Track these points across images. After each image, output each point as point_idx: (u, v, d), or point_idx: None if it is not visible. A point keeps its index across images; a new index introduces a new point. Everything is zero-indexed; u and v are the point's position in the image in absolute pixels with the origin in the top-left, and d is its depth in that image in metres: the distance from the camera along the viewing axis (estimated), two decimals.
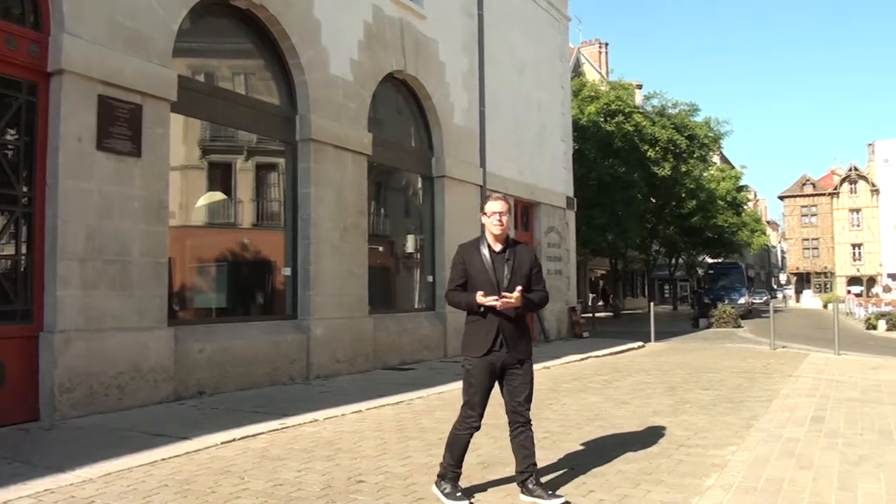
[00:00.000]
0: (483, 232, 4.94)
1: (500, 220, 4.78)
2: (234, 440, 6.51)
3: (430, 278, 14.49)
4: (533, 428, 4.91)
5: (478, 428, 4.83)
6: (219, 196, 10.78)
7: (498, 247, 4.84)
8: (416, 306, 14.39)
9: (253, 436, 6.71)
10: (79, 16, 7.74)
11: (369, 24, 12.51)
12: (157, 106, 8.53)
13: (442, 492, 4.77)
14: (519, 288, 4.66)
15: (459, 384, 9.93)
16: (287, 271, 10.97)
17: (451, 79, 14.97)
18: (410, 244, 14.50)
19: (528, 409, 4.88)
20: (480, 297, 4.65)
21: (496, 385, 4.91)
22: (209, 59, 10.56)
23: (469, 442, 4.85)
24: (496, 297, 4.62)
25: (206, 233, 10.55)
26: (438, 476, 4.89)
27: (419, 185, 14.78)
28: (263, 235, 11.38)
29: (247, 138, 10.99)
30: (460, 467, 4.86)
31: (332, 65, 11.56)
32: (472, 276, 4.81)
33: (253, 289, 11.15)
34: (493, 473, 5.49)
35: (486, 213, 4.86)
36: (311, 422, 7.43)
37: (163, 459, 5.79)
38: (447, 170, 14.59)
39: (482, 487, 5.16)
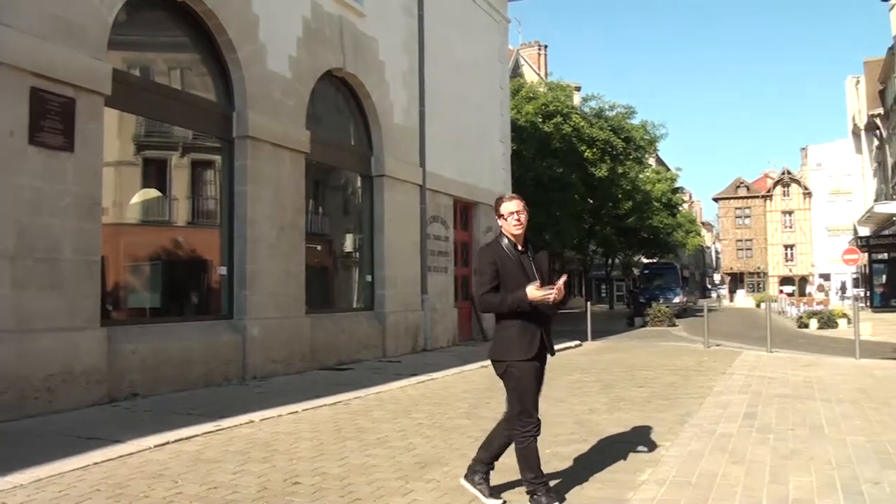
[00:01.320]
0: (500, 233, 4.81)
1: (518, 220, 4.68)
2: (167, 443, 6.46)
3: (368, 278, 14.57)
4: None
5: (540, 427, 4.77)
6: (153, 193, 10.68)
7: (520, 246, 4.75)
8: (354, 306, 14.47)
9: (187, 438, 6.67)
10: (10, 5, 7.60)
11: (308, 21, 12.52)
12: (90, 100, 8.42)
13: None
14: (564, 277, 4.57)
15: (398, 383, 10.26)
16: (223, 270, 10.91)
17: (390, 77, 15.06)
18: (349, 243, 14.57)
19: None
20: (534, 290, 4.46)
21: (498, 383, 4.92)
22: (145, 53, 10.45)
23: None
24: (550, 287, 4.47)
25: (141, 231, 10.45)
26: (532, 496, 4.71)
27: (358, 184, 14.85)
28: (199, 234, 11.32)
29: (183, 134, 10.91)
30: (543, 474, 4.76)
31: (270, 61, 11.54)
32: (506, 276, 4.63)
33: (188, 288, 11.07)
34: (431, 472, 5.58)
35: (502, 215, 4.73)
36: (246, 423, 7.41)
37: (95, 464, 5.72)
38: (387, 169, 14.68)
39: (423, 486, 5.27)
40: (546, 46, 55.90)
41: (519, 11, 64.25)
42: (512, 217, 4.68)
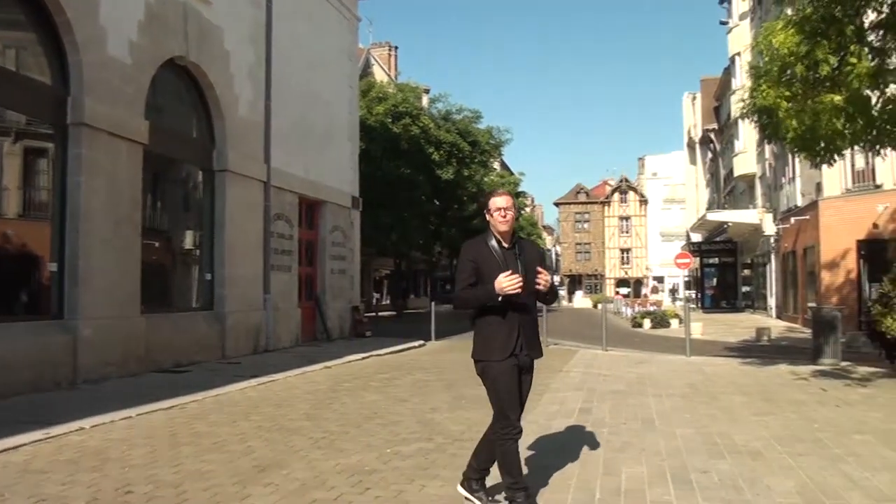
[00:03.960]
0: (488, 228, 4.74)
1: (506, 216, 4.60)
2: None
3: (208, 276, 14.33)
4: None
5: (521, 432, 4.60)
6: None
7: (506, 243, 4.66)
8: (193, 305, 14.19)
9: (14, 448, 6.42)
10: None
11: (151, 5, 12.22)
12: None
13: None
14: (546, 276, 4.54)
15: (237, 385, 10.25)
16: (54, 267, 10.47)
17: (236, 69, 14.88)
18: (189, 240, 14.27)
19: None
20: (503, 278, 4.34)
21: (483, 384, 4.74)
22: None
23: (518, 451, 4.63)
24: (518, 276, 4.37)
25: None
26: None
27: (200, 178, 14.57)
28: (29, 227, 10.79)
29: (15, 119, 10.41)
30: (523, 479, 4.65)
31: (109, 45, 11.19)
32: (485, 275, 4.54)
33: (15, 286, 10.51)
34: (270, 476, 5.58)
35: (489, 210, 4.65)
36: (77, 430, 7.22)
37: None
38: (229, 164, 14.50)
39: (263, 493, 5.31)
40: (396, 47, 56.60)
41: (370, 11, 64.55)
42: (498, 213, 4.62)
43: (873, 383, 11.14)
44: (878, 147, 12.52)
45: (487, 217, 4.70)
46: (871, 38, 11.77)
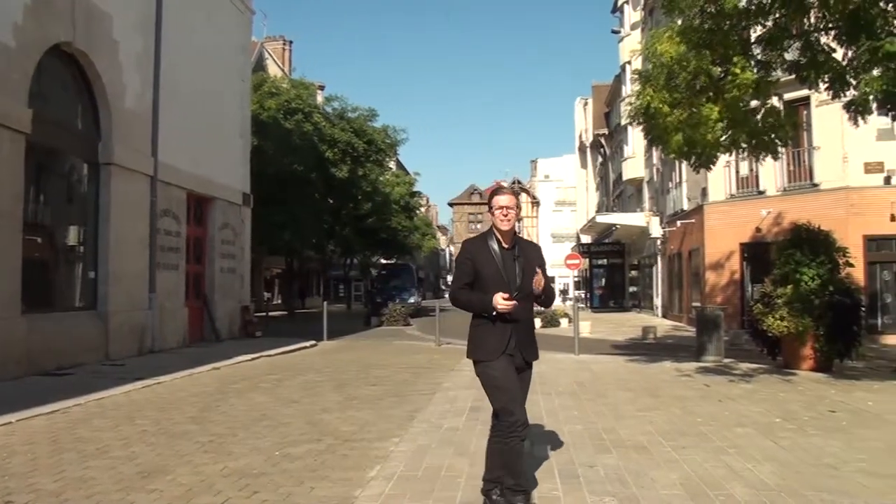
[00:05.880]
0: (490, 227, 4.71)
1: (507, 215, 4.57)
2: None
3: (92, 274, 13.92)
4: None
5: (526, 426, 4.52)
6: None
7: (506, 243, 4.63)
8: (76, 304, 13.76)
9: None
10: None
11: None
12: None
13: None
14: (539, 278, 4.54)
15: (122, 388, 10.11)
16: None
17: (124, 59, 14.53)
18: (73, 236, 13.82)
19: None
20: (501, 300, 4.38)
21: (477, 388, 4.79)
22: None
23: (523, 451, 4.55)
24: (513, 302, 4.40)
25: None
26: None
27: (85, 171, 14.13)
28: None
29: None
30: (526, 483, 4.62)
31: None
32: (483, 275, 4.54)
33: None
34: (154, 482, 5.51)
35: (491, 207, 4.63)
36: None
37: None
38: (115, 157, 14.15)
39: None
40: (291, 42, 55.78)
41: (264, 4, 63.52)
42: (500, 212, 4.59)
43: (755, 379, 11.82)
44: (760, 154, 13.33)
45: (489, 214, 4.69)
46: (757, 51, 12.54)
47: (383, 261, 55.25)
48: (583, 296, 48.41)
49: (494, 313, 4.45)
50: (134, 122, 14.93)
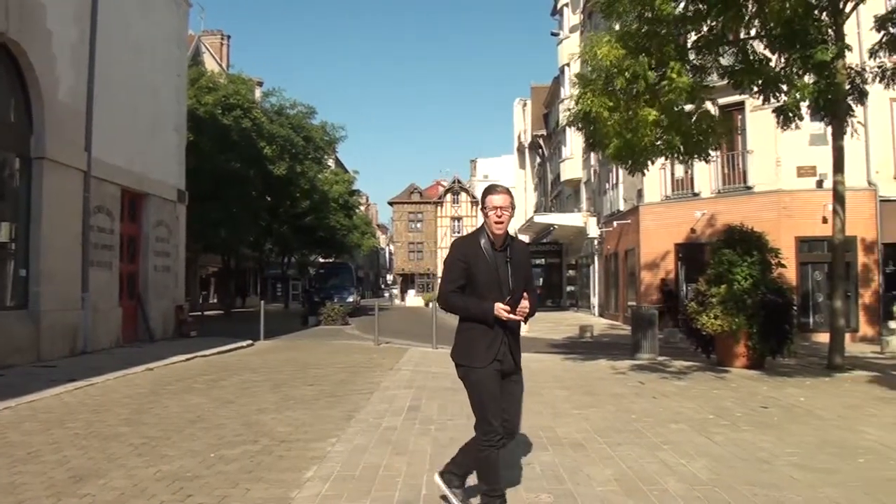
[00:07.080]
0: (482, 226, 4.59)
1: (501, 217, 4.42)
2: None
3: (23, 272, 13.57)
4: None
5: (502, 438, 4.48)
6: None
7: (498, 244, 4.50)
8: (7, 304, 13.37)
9: None
10: None
11: None
12: None
13: None
14: (525, 303, 4.41)
15: (53, 391, 9.93)
16: None
17: (58, 50, 14.18)
18: (3, 233, 13.42)
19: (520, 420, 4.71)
20: (504, 311, 4.31)
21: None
22: None
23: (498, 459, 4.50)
24: (511, 311, 4.32)
25: None
26: None
27: (17, 165, 13.76)
28: None
29: None
30: (501, 488, 4.57)
31: None
32: (476, 277, 4.43)
33: None
34: (86, 486, 5.42)
35: (485, 207, 4.49)
36: None
37: None
38: (47, 151, 13.80)
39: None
40: (229, 37, 55.10)
41: None
42: (494, 212, 4.44)
43: (688, 376, 12.17)
44: (693, 157, 13.67)
45: (482, 214, 4.57)
46: (692, 56, 12.87)
47: (322, 259, 54.98)
48: None
49: (493, 324, 4.40)
50: (67, 116, 14.58)
